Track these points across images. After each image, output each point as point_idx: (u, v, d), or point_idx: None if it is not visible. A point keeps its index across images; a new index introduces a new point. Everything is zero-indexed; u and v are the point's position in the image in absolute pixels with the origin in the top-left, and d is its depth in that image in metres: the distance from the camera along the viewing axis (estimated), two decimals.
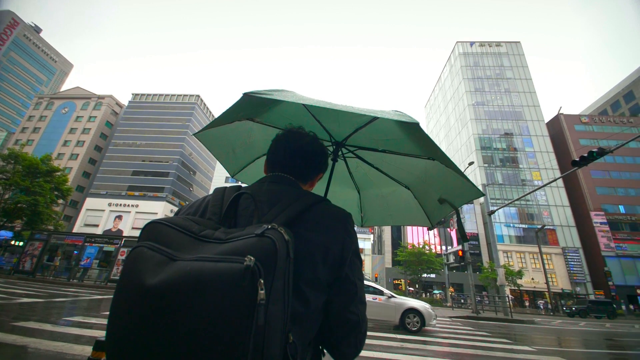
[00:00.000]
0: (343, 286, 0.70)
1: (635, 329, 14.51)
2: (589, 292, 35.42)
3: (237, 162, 1.68)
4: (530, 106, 48.42)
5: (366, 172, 1.74)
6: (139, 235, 0.60)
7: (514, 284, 29.28)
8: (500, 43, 55.06)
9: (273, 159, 0.90)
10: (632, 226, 39.21)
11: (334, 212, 0.75)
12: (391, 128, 1.26)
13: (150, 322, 0.46)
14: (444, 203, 1.52)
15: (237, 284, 0.47)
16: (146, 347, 0.46)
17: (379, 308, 8.43)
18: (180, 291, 0.46)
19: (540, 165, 43.79)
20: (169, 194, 49.77)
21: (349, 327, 0.70)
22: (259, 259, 0.49)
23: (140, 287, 0.48)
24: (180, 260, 0.51)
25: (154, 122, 56.57)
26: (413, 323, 8.15)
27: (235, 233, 0.56)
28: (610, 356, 6.85)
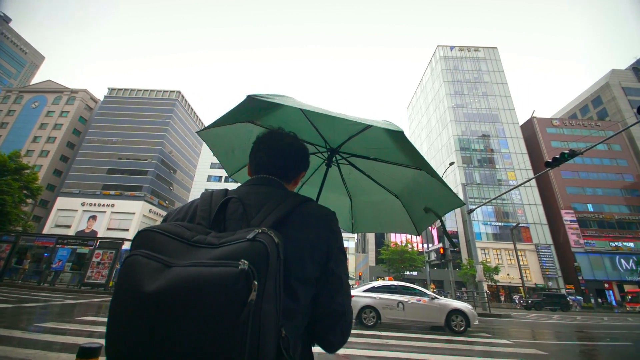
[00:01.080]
0: (329, 280, 0.74)
1: (604, 322, 15.45)
2: (560, 286, 37.42)
3: (236, 163, 1.72)
4: (506, 109, 50.55)
5: (358, 180, 1.80)
6: (131, 243, 0.61)
7: (491, 280, 30.48)
8: (478, 48, 57.05)
9: (256, 161, 0.91)
10: (599, 224, 41.83)
11: (319, 211, 0.78)
12: (382, 137, 1.32)
13: (152, 327, 0.49)
14: (429, 212, 1.60)
15: (233, 287, 0.49)
16: (149, 351, 0.48)
17: (423, 310, 8.36)
18: (178, 296, 0.49)
19: (515, 165, 45.82)
20: (148, 193, 48.06)
21: (335, 318, 0.74)
22: (252, 262, 0.52)
23: (139, 294, 0.50)
24: (176, 266, 0.53)
25: (131, 118, 54.42)
26: (458, 324, 8.14)
27: (227, 238, 0.58)
28: (582, 347, 7.25)
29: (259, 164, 0.90)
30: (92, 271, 14.26)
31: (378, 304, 8.29)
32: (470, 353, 5.73)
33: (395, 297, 8.49)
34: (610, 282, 38.15)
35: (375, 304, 8.29)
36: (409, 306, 8.31)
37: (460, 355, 5.45)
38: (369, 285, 9.01)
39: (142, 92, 59.00)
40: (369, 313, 8.23)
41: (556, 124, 49.51)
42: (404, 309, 8.26)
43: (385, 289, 8.80)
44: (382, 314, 8.22)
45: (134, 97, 57.72)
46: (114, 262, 14.49)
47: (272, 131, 0.94)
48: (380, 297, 8.45)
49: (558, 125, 49.35)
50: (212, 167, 54.13)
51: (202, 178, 53.43)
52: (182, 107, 61.77)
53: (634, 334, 8.86)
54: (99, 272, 14.25)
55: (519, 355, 5.70)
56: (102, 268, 14.31)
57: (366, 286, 8.99)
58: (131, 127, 53.56)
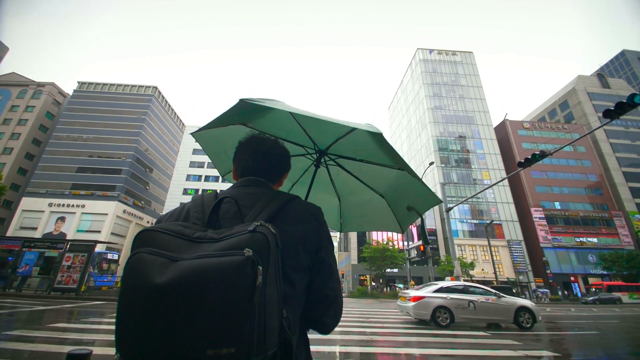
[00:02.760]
0: (321, 268, 0.82)
1: (571, 312, 16.50)
2: (530, 280, 39.55)
3: (228, 163, 1.74)
4: (481, 112, 52.75)
5: (346, 180, 1.86)
6: (132, 244, 0.64)
7: (467, 275, 31.73)
8: (455, 52, 59.06)
9: (242, 164, 0.96)
10: (565, 220, 44.64)
11: (307, 207, 0.86)
12: (366, 139, 1.38)
13: (167, 315, 0.52)
14: (411, 210, 1.70)
15: (240, 272, 0.55)
16: (167, 338, 0.52)
17: (493, 308, 8.59)
18: (190, 285, 0.53)
19: (489, 165, 47.94)
20: (122, 193, 45.93)
21: (328, 301, 0.83)
22: (255, 250, 0.58)
23: (150, 287, 0.54)
24: (181, 260, 0.57)
25: (103, 114, 51.75)
26: (526, 320, 8.42)
27: (226, 233, 0.64)
28: (552, 337, 7.72)
29: (245, 167, 0.95)
30: (62, 275, 13.44)
31: (450, 304, 8.48)
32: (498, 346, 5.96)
33: (466, 297, 8.70)
34: (576, 275, 40.85)
35: (448, 304, 8.48)
36: (479, 305, 8.55)
37: (443, 347, 5.65)
38: (436, 286, 9.14)
39: (116, 87, 56.26)
40: (442, 313, 8.41)
41: (527, 126, 52.29)
42: (475, 308, 8.49)
43: (453, 290, 9.00)
44: (455, 314, 8.40)
45: (106, 92, 54.93)
46: (86, 265, 13.73)
47: (254, 136, 0.99)
48: (451, 297, 8.65)
49: (528, 127, 52.15)
50: (191, 166, 52.67)
51: (180, 177, 51.86)
52: (159, 103, 59.51)
53: (599, 324, 9.56)
54: (69, 277, 13.45)
55: (496, 345, 5.99)
56: (73, 272, 13.51)
57: (434, 287, 9.15)
58: (103, 123, 50.94)
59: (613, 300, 26.74)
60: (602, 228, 44.51)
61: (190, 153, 54.00)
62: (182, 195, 50.19)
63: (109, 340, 5.33)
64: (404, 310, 9.22)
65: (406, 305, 8.91)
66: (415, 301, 8.63)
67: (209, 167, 53.00)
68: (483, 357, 5.04)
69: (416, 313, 8.56)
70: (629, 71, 72.28)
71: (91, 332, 6.03)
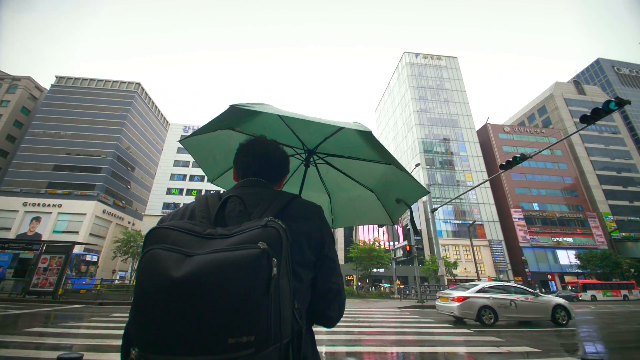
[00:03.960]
0: (325, 263, 0.86)
1: None
2: (510, 278, 40.91)
3: (217, 168, 1.77)
4: (464, 115, 54.24)
5: (335, 177, 1.90)
6: (144, 241, 0.66)
7: (451, 274, 32.47)
8: (440, 57, 60.50)
9: (244, 165, 0.99)
10: (543, 221, 46.50)
11: (309, 205, 0.90)
12: (354, 137, 1.43)
13: (187, 308, 0.54)
14: (400, 202, 1.75)
15: (257, 264, 0.58)
16: (189, 331, 0.53)
17: (532, 307, 9.05)
18: (209, 277, 0.55)
19: (471, 167, 49.34)
20: (101, 192, 44.36)
21: (332, 295, 0.87)
22: (269, 244, 0.61)
23: (168, 280, 0.55)
24: (196, 255, 0.59)
25: (83, 110, 49.82)
26: (562, 317, 8.94)
27: (237, 229, 0.66)
28: (532, 333, 8.02)
29: (247, 168, 0.98)
30: (38, 278, 12.83)
31: (494, 304, 8.86)
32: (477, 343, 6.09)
33: (507, 296, 9.11)
34: (553, 273, 42.64)
35: (492, 304, 8.86)
36: (520, 304, 8.99)
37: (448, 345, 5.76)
38: (478, 287, 9.50)
39: (96, 82, 54.29)
40: (487, 313, 8.76)
41: (507, 130, 54.20)
42: (516, 307, 8.92)
43: (494, 289, 9.38)
44: (499, 313, 8.77)
45: (86, 87, 52.89)
46: (64, 267, 13.17)
47: (256, 139, 1.03)
48: (493, 297, 9.04)
49: (509, 131, 54.07)
50: (175, 165, 51.34)
51: (164, 176, 50.40)
52: (142, 100, 57.85)
53: (576, 321, 9.99)
54: (46, 279, 12.85)
55: (480, 342, 6.18)
56: (49, 274, 12.92)
57: (476, 287, 9.49)
58: (83, 120, 49.00)
59: (571, 297, 27.98)
60: (577, 228, 46.66)
61: (174, 152, 52.51)
62: (166, 195, 48.78)
63: (88, 344, 5.16)
64: (445, 310, 9.59)
65: (450, 305, 9.25)
66: (460, 301, 9.00)
67: (193, 166, 51.84)
68: (473, 353, 5.20)
69: (462, 313, 8.92)
70: (603, 79, 76.09)
71: (69, 336, 5.79)
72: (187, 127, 54.93)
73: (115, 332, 6.23)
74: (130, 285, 18.77)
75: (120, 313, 9.75)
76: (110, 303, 12.76)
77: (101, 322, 7.63)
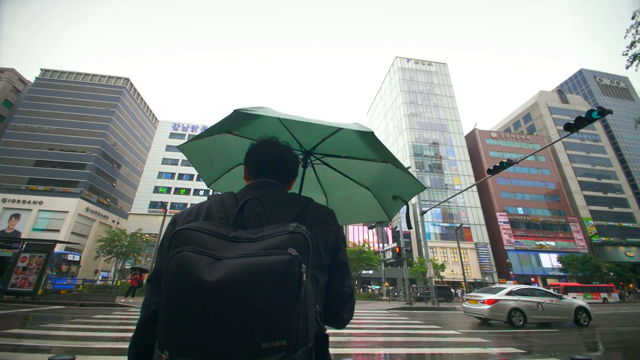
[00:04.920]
0: (339, 267, 0.87)
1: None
2: (495, 280, 41.79)
3: (213, 172, 1.78)
4: (453, 120, 55.34)
5: (332, 177, 1.93)
6: (170, 242, 0.66)
7: (438, 276, 32.94)
8: (431, 63, 61.63)
9: (257, 166, 0.99)
10: (527, 225, 47.79)
11: (323, 210, 0.92)
12: (352, 138, 1.45)
13: (222, 313, 0.55)
14: (396, 199, 1.78)
15: (290, 270, 0.59)
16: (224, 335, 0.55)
17: (557, 309, 9.58)
18: (243, 283, 0.56)
19: (459, 172, 50.33)
20: (85, 190, 43.02)
21: (345, 298, 0.88)
22: (297, 250, 0.62)
23: (202, 284, 0.56)
24: (226, 259, 0.60)
25: (68, 105, 48.28)
26: (583, 318, 9.51)
27: (262, 233, 0.67)
28: (516, 334, 8.20)
29: (260, 168, 0.98)
30: (16, 277, 12.30)
31: (523, 306, 9.28)
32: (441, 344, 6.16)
33: (534, 299, 9.59)
34: (536, 276, 43.79)
35: (520, 306, 9.28)
36: (546, 306, 9.49)
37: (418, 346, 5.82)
38: (506, 290, 9.95)
39: (83, 76, 52.77)
40: (517, 315, 9.15)
41: (494, 136, 55.55)
42: (543, 309, 9.40)
43: (521, 292, 9.86)
44: (527, 315, 9.19)
45: (72, 81, 51.33)
46: (44, 266, 12.68)
47: (268, 140, 1.03)
48: (522, 299, 9.48)
49: (495, 137, 55.44)
50: (164, 163, 50.34)
51: (151, 174, 49.34)
52: (131, 96, 56.58)
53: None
54: (25, 279, 12.33)
55: (468, 343, 6.27)
56: (29, 274, 12.41)
57: (504, 290, 9.93)
58: (68, 114, 47.46)
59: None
60: (559, 232, 48.16)
61: (163, 149, 51.53)
62: (153, 194, 47.74)
63: (69, 346, 4.98)
64: (475, 312, 9.94)
65: (480, 307, 9.61)
66: (490, 304, 9.37)
67: (183, 164, 50.99)
68: (460, 354, 5.27)
69: (492, 315, 9.28)
70: (585, 88, 78.93)
71: (49, 338, 5.58)
72: (176, 124, 54.07)
73: (97, 335, 6.04)
74: (112, 287, 18.28)
75: (103, 315, 9.46)
76: (92, 304, 12.37)
77: (83, 324, 7.38)
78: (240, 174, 1.82)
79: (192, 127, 54.48)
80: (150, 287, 0.78)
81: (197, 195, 49.08)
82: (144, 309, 0.75)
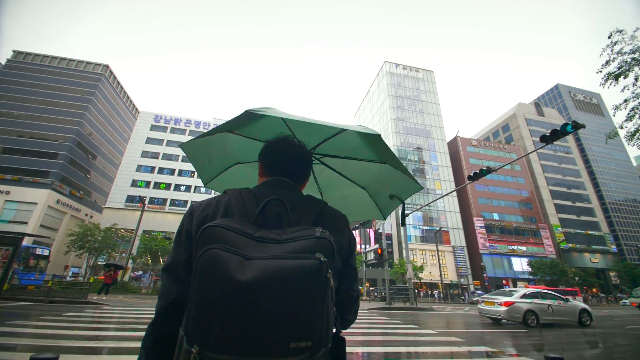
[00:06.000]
0: (349, 271, 0.88)
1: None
2: (469, 282, 43.32)
3: (211, 171, 1.76)
4: (437, 127, 56.91)
5: (329, 176, 1.95)
6: (199, 239, 0.67)
7: (417, 277, 33.77)
8: (418, 69, 63.05)
9: (274, 164, 0.99)
10: (501, 230, 49.88)
11: (338, 215, 0.93)
12: (354, 138, 1.48)
13: (254, 312, 0.58)
14: (393, 198, 1.83)
15: (318, 275, 0.62)
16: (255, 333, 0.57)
17: (564, 311, 10.39)
18: (274, 284, 0.59)
19: (441, 177, 51.80)
20: (56, 180, 40.92)
21: (351, 301, 0.90)
22: (324, 255, 0.65)
23: (236, 284, 0.58)
24: (255, 259, 0.62)
25: (42, 90, 45.77)
26: (586, 319, 10.39)
27: (287, 235, 0.69)
28: (485, 334, 8.57)
29: (277, 167, 0.98)
30: None
31: (536, 308, 10.00)
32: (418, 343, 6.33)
33: (545, 301, 10.34)
34: (507, 279, 45.80)
35: (534, 308, 10.00)
36: (555, 309, 10.27)
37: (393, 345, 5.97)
38: (520, 293, 10.60)
39: (59, 60, 50.12)
40: (531, 316, 9.85)
41: (474, 144, 57.63)
42: (553, 311, 10.18)
43: (533, 295, 10.54)
44: (540, 316, 9.91)
45: (46, 65, 48.63)
46: (11, 261, 11.94)
47: (286, 139, 1.04)
48: (535, 302, 10.20)
49: (476, 145, 57.53)
50: (143, 156, 48.42)
51: (130, 167, 47.29)
52: (110, 84, 54.28)
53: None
54: None
55: (444, 342, 6.50)
56: None
57: (519, 293, 10.57)
58: (41, 100, 44.93)
59: None
60: (530, 238, 50.59)
61: (143, 142, 49.37)
62: (131, 187, 45.79)
63: (38, 345, 4.76)
64: (491, 313, 10.52)
65: (497, 309, 10.21)
66: (507, 306, 9.97)
67: (164, 158, 49.26)
68: (435, 352, 5.45)
69: (509, 316, 9.89)
70: (560, 103, 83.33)
71: (14, 335, 5.29)
72: (158, 116, 52.11)
73: (68, 333, 5.78)
74: (84, 283, 17.49)
75: (74, 312, 9.05)
76: (62, 301, 11.79)
77: (52, 322, 7.04)
78: (237, 174, 1.82)
79: (175, 120, 52.71)
80: (167, 276, 0.79)
81: (178, 191, 47.65)
82: (162, 297, 0.76)
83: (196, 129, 53.26)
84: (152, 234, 34.70)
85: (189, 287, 0.72)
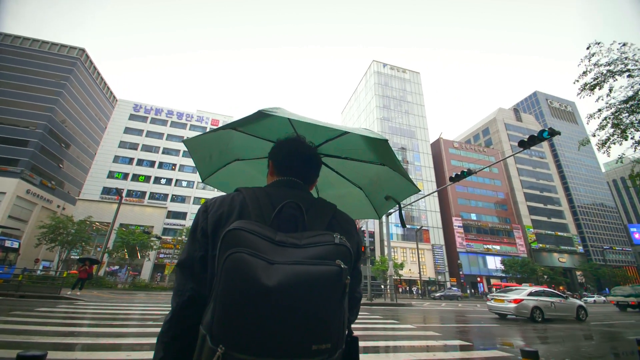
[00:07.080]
0: (355, 274, 0.89)
1: (477, 308, 19.14)
2: (447, 279, 44.84)
3: (211, 168, 1.76)
4: (421, 128, 58.14)
5: (327, 176, 1.96)
6: (222, 241, 0.68)
7: (397, 274, 34.59)
8: (405, 70, 63.96)
9: (286, 164, 0.99)
10: (478, 230, 51.86)
11: (348, 219, 0.95)
12: (356, 140, 1.51)
13: (280, 315, 0.60)
14: (389, 199, 1.88)
15: (339, 281, 0.65)
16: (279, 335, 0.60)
17: (565, 307, 11.36)
18: (299, 289, 0.62)
19: (423, 177, 53.07)
20: (26, 170, 38.75)
21: (354, 303, 0.92)
22: (343, 261, 0.68)
23: (263, 288, 0.60)
24: (278, 264, 0.64)
25: (12, 73, 43.09)
26: (582, 315, 11.44)
27: (306, 240, 0.72)
28: (460, 328, 8.97)
29: (289, 167, 0.99)
30: None
31: (541, 305, 10.88)
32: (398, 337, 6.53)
33: (548, 299, 11.27)
34: (482, 276, 47.80)
35: (540, 305, 10.86)
36: (557, 305, 11.24)
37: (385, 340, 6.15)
38: (527, 291, 11.52)
39: (31, 42, 47.18)
40: (537, 312, 10.68)
41: (456, 146, 59.39)
42: (555, 308, 11.13)
43: (538, 293, 11.46)
44: (544, 312, 10.79)
45: (17, 46, 45.69)
46: None
47: (297, 139, 1.04)
48: (540, 299, 11.08)
49: (457, 147, 59.31)
50: (121, 147, 46.53)
51: (106, 158, 45.33)
52: (86, 69, 51.69)
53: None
54: None
55: (421, 337, 6.75)
56: None
57: (526, 291, 11.51)
58: (10, 84, 42.22)
59: (456, 296, 32.12)
60: (504, 238, 52.95)
61: (121, 132, 47.35)
62: (107, 179, 43.95)
63: (8, 340, 4.56)
64: (501, 310, 11.50)
65: (507, 306, 11.14)
66: (517, 303, 10.87)
67: (143, 149, 47.53)
68: (412, 346, 5.66)
69: (518, 312, 10.79)
70: (537, 109, 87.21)
71: None
72: (138, 105, 50.13)
73: (41, 329, 5.56)
74: (57, 277, 16.74)
75: (47, 308, 8.68)
76: (34, 296, 11.27)
77: (24, 317, 6.74)
78: (235, 170, 1.83)
79: (156, 110, 50.92)
80: (182, 272, 0.80)
81: (158, 184, 46.23)
82: (178, 294, 0.77)
83: (178, 120, 51.72)
84: (129, 227, 33.60)
85: (205, 284, 0.76)
